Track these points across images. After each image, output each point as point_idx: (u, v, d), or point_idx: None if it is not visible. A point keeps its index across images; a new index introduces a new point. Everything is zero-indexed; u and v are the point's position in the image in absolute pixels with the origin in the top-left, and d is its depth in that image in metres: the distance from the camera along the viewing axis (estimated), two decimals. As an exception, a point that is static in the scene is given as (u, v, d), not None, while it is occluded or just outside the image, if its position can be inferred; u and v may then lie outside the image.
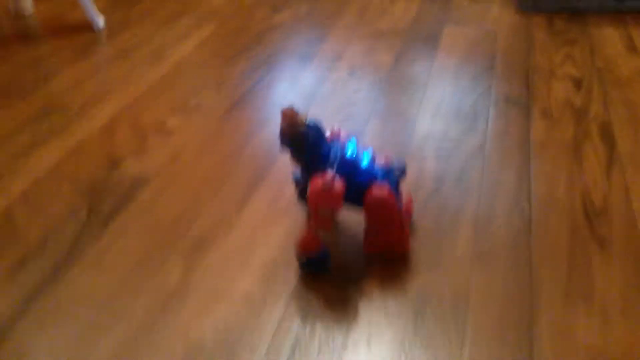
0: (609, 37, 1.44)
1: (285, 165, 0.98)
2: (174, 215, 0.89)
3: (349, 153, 0.75)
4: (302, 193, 0.83)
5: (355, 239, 0.83)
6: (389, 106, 1.17)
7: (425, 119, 1.12)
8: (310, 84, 1.25)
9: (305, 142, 0.73)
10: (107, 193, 0.94)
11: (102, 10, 1.61)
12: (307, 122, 0.74)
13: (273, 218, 0.88)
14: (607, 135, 1.06)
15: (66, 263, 0.81)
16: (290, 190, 0.93)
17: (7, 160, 1.02)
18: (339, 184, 0.71)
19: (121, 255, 0.82)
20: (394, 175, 0.79)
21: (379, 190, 0.74)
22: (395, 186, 0.78)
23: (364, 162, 0.76)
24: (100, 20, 1.52)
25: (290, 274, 0.77)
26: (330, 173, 0.72)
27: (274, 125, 1.10)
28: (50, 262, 0.81)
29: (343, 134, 0.79)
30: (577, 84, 1.24)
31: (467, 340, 0.67)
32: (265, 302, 0.73)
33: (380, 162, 0.80)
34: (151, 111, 1.17)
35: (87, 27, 1.52)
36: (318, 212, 0.73)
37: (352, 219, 0.85)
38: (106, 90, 1.24)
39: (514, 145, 1.04)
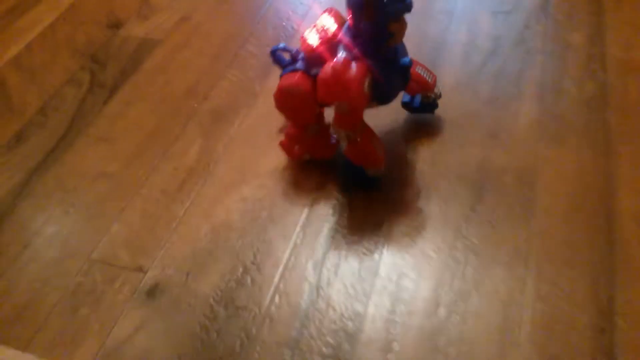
0: None
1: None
2: (189, 83, 0.77)
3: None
4: None
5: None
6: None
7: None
8: None
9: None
10: (110, 58, 0.82)
11: None
12: None
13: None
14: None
15: (69, 136, 0.71)
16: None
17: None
18: (357, 67, 0.52)
19: (130, 127, 0.71)
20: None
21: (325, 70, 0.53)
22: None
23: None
24: None
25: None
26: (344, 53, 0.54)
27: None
28: (50, 135, 0.72)
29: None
30: None
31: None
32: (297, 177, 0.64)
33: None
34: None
35: None
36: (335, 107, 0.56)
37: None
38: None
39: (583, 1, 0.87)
